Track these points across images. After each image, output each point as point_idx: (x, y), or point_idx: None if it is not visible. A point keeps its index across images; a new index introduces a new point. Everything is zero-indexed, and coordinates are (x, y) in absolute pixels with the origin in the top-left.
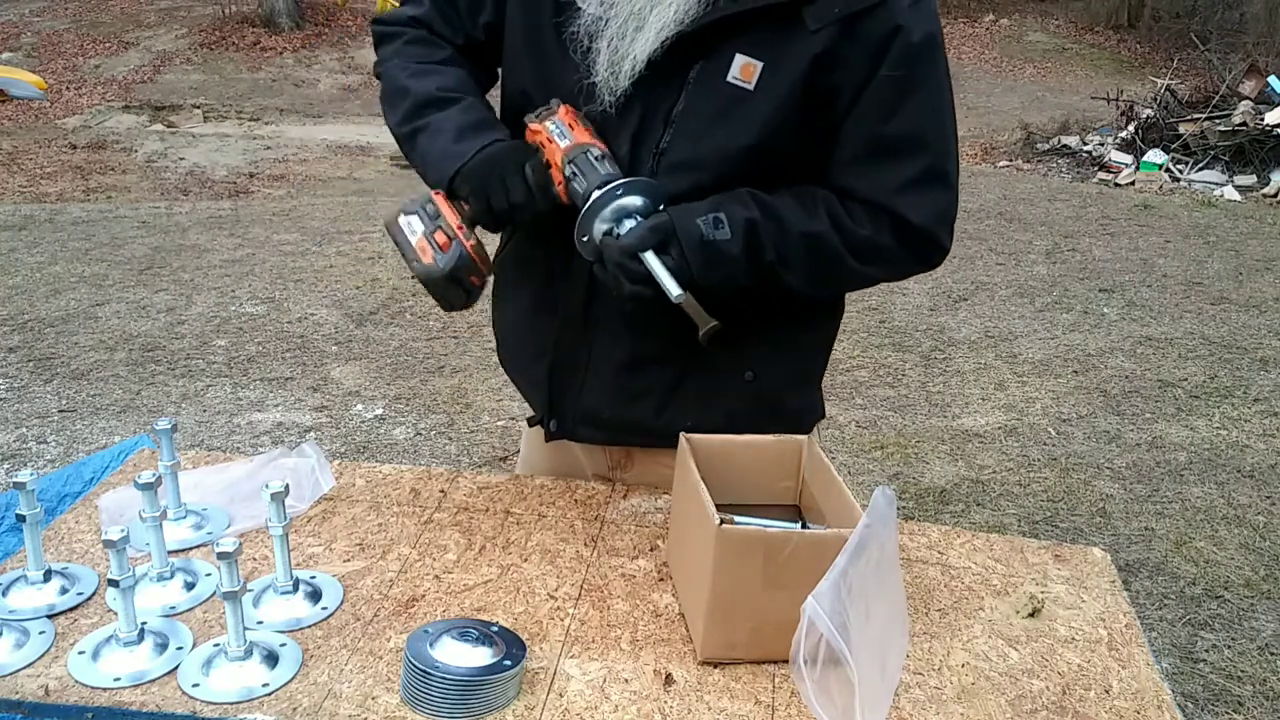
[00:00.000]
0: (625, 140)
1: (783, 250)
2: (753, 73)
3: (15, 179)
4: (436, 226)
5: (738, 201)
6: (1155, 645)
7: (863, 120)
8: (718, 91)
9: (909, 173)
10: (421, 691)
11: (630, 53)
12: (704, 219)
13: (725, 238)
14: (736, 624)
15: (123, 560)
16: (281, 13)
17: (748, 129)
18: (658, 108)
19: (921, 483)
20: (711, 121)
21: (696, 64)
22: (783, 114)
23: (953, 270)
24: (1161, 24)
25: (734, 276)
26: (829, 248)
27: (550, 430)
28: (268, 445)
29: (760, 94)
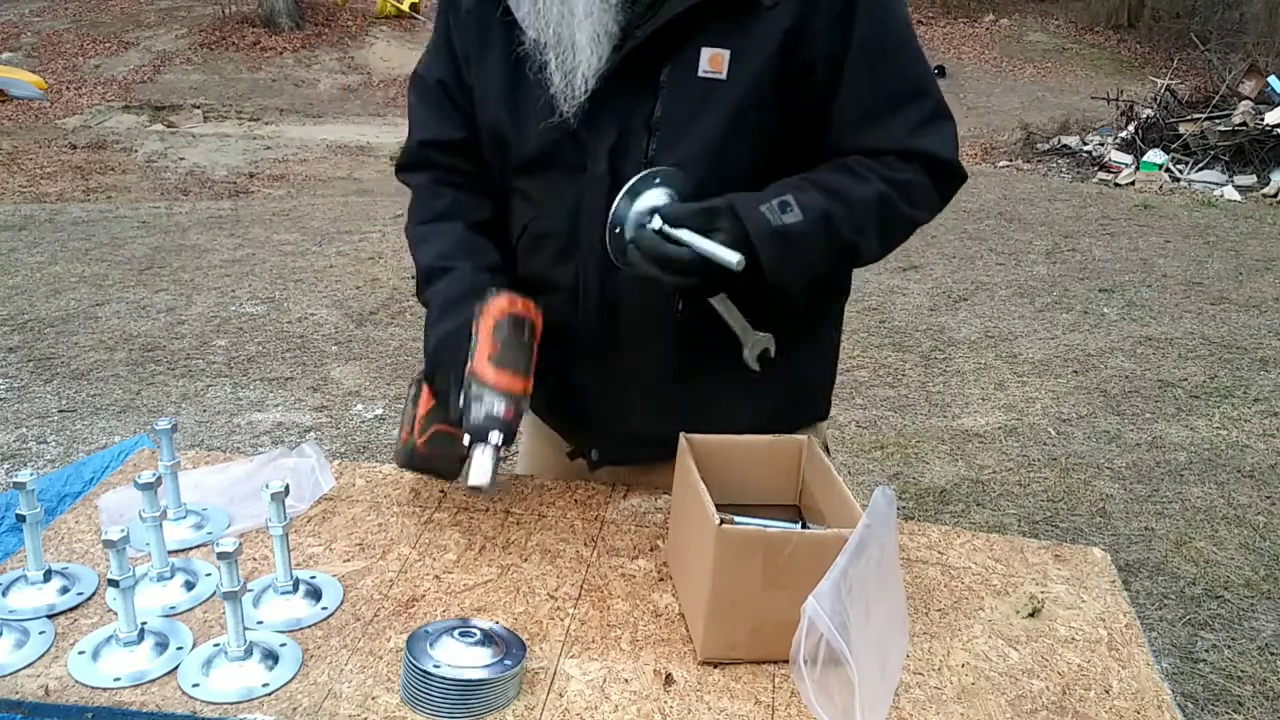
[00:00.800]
0: (604, 157)
1: (858, 222)
2: (721, 62)
3: (15, 179)
4: (405, 418)
5: (799, 188)
6: (1155, 645)
7: (857, 85)
8: (692, 88)
9: (918, 115)
10: (421, 691)
11: (577, 68)
12: (768, 205)
13: (796, 220)
14: (736, 624)
15: (123, 560)
16: (281, 13)
17: (729, 117)
18: (635, 117)
19: (921, 483)
20: (693, 118)
21: (665, 66)
22: (759, 95)
23: (953, 270)
24: (1161, 24)
25: (809, 265)
26: (893, 203)
27: (593, 460)
28: (268, 445)
29: (734, 81)
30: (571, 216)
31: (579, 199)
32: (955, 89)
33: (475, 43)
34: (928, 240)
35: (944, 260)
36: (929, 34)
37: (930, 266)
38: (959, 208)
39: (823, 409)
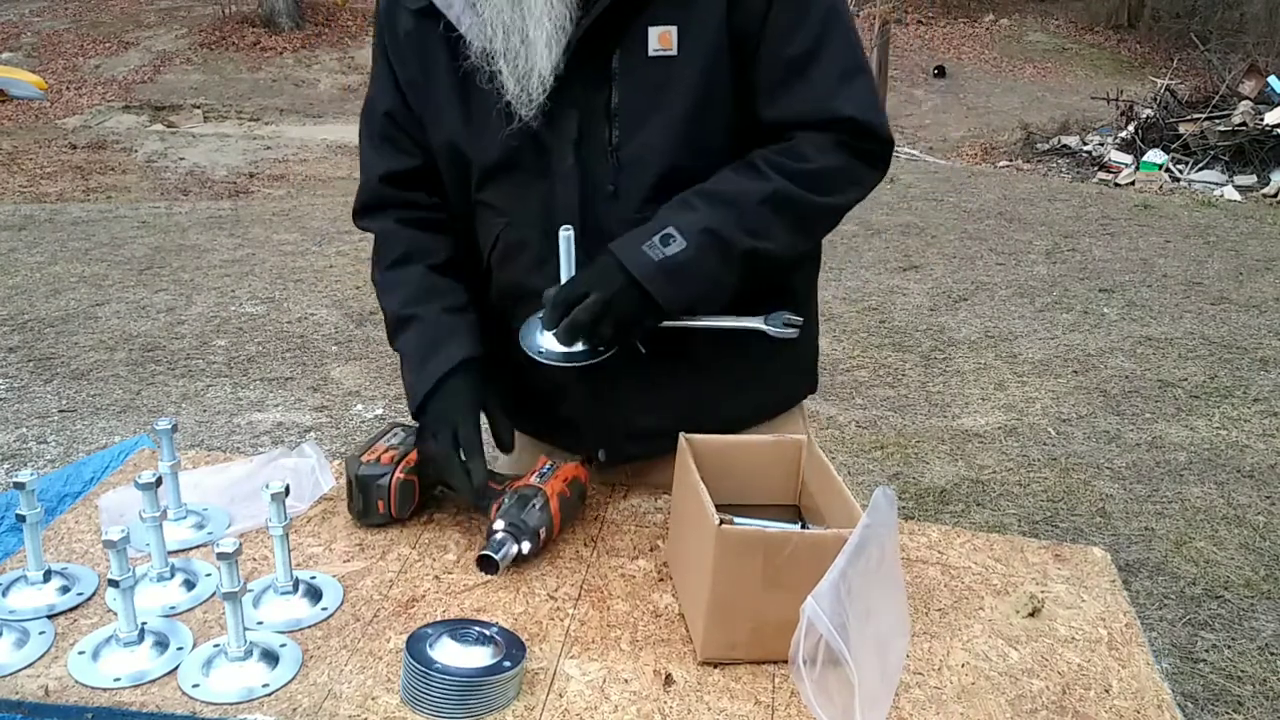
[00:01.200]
0: (569, 152)
1: (750, 225)
2: (671, 39)
3: (15, 179)
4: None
5: (681, 208)
6: (1155, 645)
7: (774, 46)
8: (645, 69)
9: (832, 75)
10: (421, 692)
11: (532, 68)
12: (649, 243)
13: (679, 249)
14: (736, 624)
15: (123, 560)
16: (281, 13)
17: (689, 93)
18: (594, 107)
19: (921, 483)
20: (652, 100)
21: (614, 53)
22: (711, 65)
23: (953, 270)
24: (1161, 24)
25: (708, 282)
26: (792, 197)
27: (600, 460)
28: (268, 445)
29: (686, 55)
30: (544, 220)
31: (549, 201)
32: (955, 89)
33: (418, 67)
34: (928, 240)
35: (944, 260)
36: (929, 34)
37: (930, 266)
38: (959, 207)
39: (813, 380)
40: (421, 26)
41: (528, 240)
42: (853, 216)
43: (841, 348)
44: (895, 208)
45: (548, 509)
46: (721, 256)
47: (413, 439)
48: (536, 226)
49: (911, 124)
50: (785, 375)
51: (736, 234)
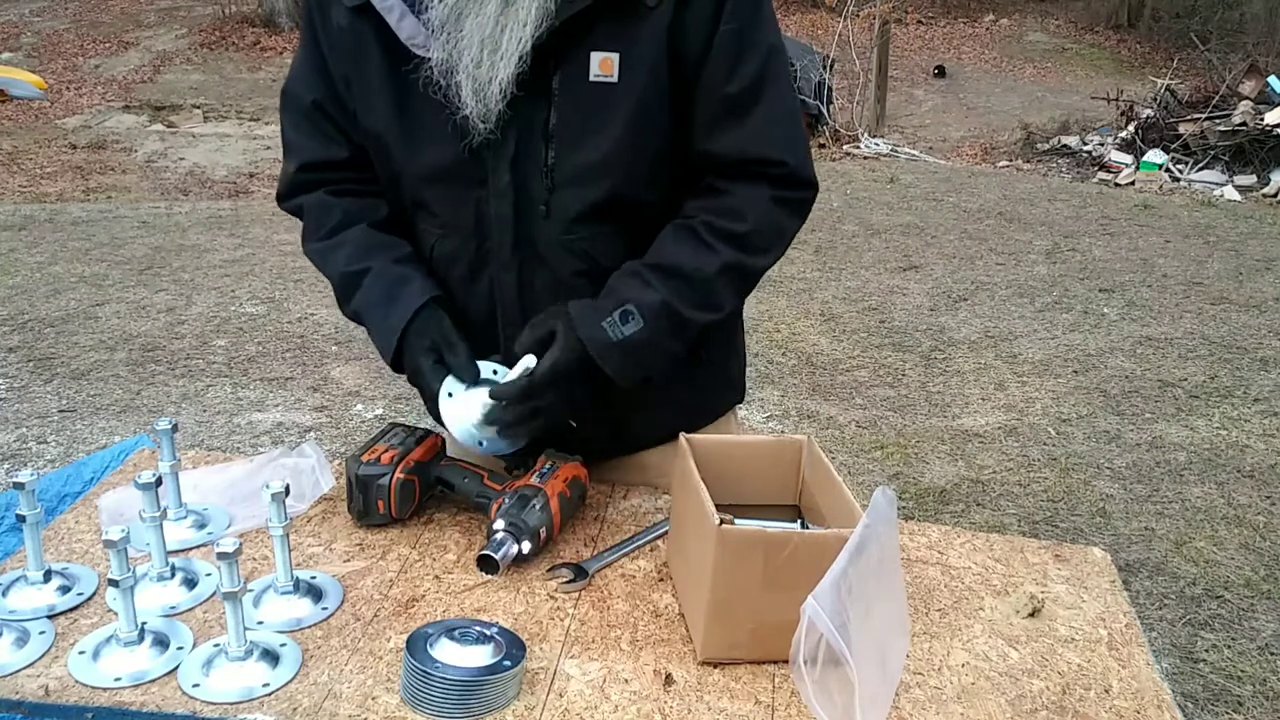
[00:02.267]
0: (505, 170)
1: (706, 300)
2: (612, 66)
3: (15, 179)
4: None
5: (635, 281)
6: (1155, 645)
7: (714, 81)
8: (585, 94)
9: (769, 117)
10: (421, 691)
11: (494, 77)
12: (609, 320)
13: (637, 329)
14: (736, 624)
15: (123, 560)
16: (281, 13)
17: (624, 120)
18: (532, 127)
19: (921, 483)
20: (588, 123)
21: (555, 74)
22: (649, 95)
23: (953, 270)
24: (1161, 24)
25: (664, 357)
26: (739, 266)
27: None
28: (268, 445)
29: (625, 83)
30: (477, 234)
31: (481, 214)
32: (955, 89)
33: (351, 63)
34: (928, 240)
35: (944, 260)
36: (929, 34)
37: (930, 266)
38: (959, 207)
39: (740, 392)
40: (356, 24)
41: (460, 254)
42: (852, 216)
43: (841, 348)
44: (895, 208)
45: (548, 509)
46: (677, 332)
47: (413, 439)
48: (470, 239)
49: (911, 124)
50: (708, 388)
51: (691, 310)
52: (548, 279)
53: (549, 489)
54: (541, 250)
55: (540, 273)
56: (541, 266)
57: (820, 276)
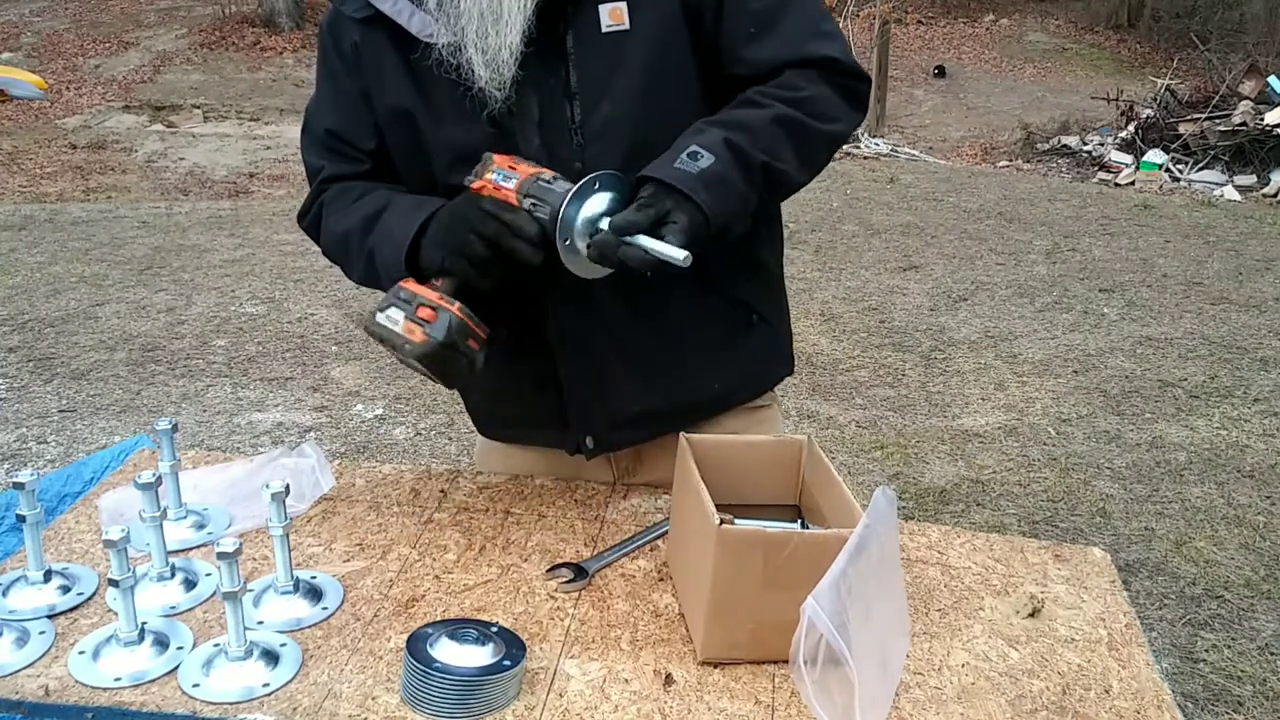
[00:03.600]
0: (533, 134)
1: (764, 144)
2: (622, 14)
3: (15, 179)
4: (417, 305)
5: (698, 132)
6: (1155, 645)
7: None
8: (600, 46)
9: (805, 24)
10: (421, 691)
11: (501, 44)
12: (680, 160)
13: (710, 162)
14: (736, 624)
15: (123, 560)
16: (281, 13)
17: (644, 67)
18: (553, 88)
19: (921, 483)
20: (609, 76)
21: (567, 33)
22: (668, 38)
23: (953, 270)
24: (1161, 24)
25: (740, 196)
26: (794, 120)
27: (588, 449)
28: (268, 445)
29: (639, 30)
30: None
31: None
32: (955, 89)
33: (372, 74)
34: (927, 240)
35: (944, 260)
36: (929, 34)
37: (930, 266)
38: (959, 207)
39: (789, 363)
40: (368, 35)
41: None
42: (852, 216)
43: (841, 348)
44: (895, 208)
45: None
46: (744, 169)
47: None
48: None
49: (911, 124)
50: (761, 354)
51: (753, 150)
52: None
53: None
54: None
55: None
56: None
57: (820, 276)
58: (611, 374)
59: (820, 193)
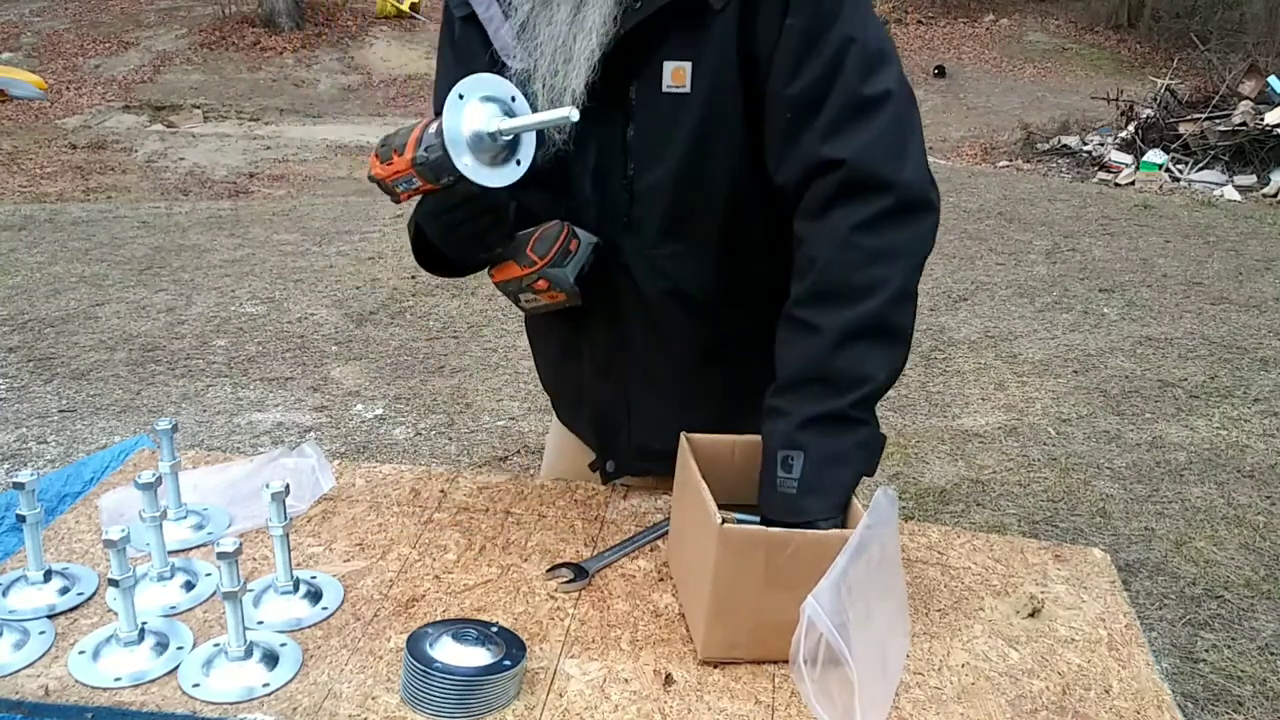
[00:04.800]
0: (586, 181)
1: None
2: (684, 76)
3: (15, 179)
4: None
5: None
6: (1155, 645)
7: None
8: (660, 105)
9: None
10: (421, 691)
11: (568, 86)
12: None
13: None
14: (737, 624)
15: (123, 560)
16: (281, 13)
17: (696, 131)
18: (612, 138)
19: (921, 483)
20: (665, 136)
21: (632, 84)
22: (719, 104)
23: (953, 270)
24: (1161, 24)
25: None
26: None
27: (608, 472)
28: (268, 445)
29: (697, 93)
30: None
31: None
32: (955, 89)
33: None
34: None
35: (944, 260)
36: (929, 34)
37: (930, 266)
38: (959, 207)
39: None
40: (467, 31)
41: None
42: None
43: None
44: None
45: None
46: (840, 430)
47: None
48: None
49: None
50: None
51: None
52: (634, 295)
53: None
54: (627, 264)
55: (627, 287)
56: (629, 281)
57: None
58: (637, 406)
59: None
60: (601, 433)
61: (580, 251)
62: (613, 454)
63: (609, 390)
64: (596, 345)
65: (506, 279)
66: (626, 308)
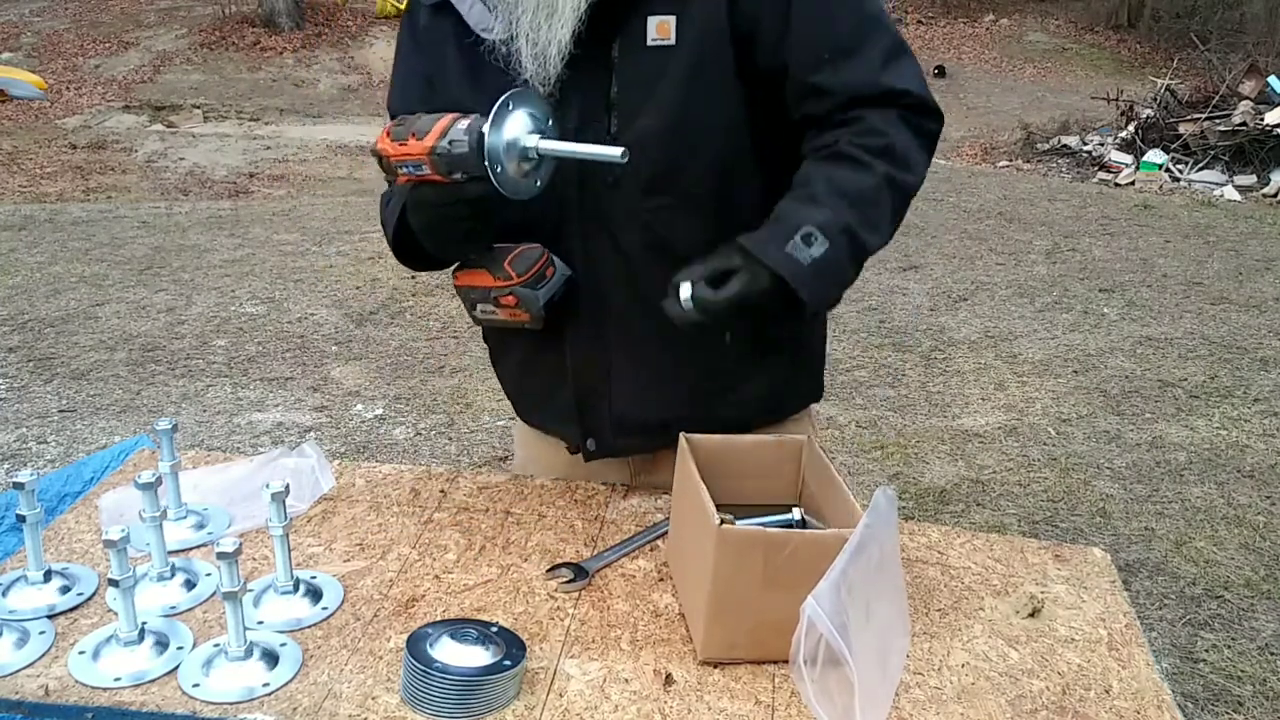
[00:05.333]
0: (570, 138)
1: (873, 221)
2: (669, 29)
3: (15, 179)
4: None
5: (807, 205)
6: (1155, 645)
7: (807, 26)
8: (643, 59)
9: (881, 51)
10: (421, 691)
11: (552, 39)
12: (793, 243)
13: (824, 248)
14: (736, 624)
15: (123, 560)
16: (281, 13)
17: (682, 83)
18: (594, 96)
19: (921, 483)
20: (649, 90)
21: (615, 41)
22: (711, 56)
23: (953, 270)
24: (1161, 24)
25: (843, 282)
26: (895, 183)
27: (589, 450)
28: (268, 445)
29: (683, 45)
30: (549, 204)
31: (552, 184)
32: (955, 89)
33: (435, 59)
34: (927, 240)
35: (944, 260)
36: (929, 34)
37: (930, 266)
38: (959, 207)
39: (819, 387)
40: (434, 21)
41: (534, 224)
42: None
43: (841, 348)
44: None
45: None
46: (853, 255)
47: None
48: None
49: None
50: (786, 376)
51: (865, 231)
52: (616, 253)
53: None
54: (610, 222)
55: (609, 246)
56: (610, 239)
57: None
58: (619, 376)
59: None
60: (582, 407)
61: (554, 279)
62: (593, 430)
63: (591, 358)
64: (580, 316)
65: (473, 285)
66: (609, 267)
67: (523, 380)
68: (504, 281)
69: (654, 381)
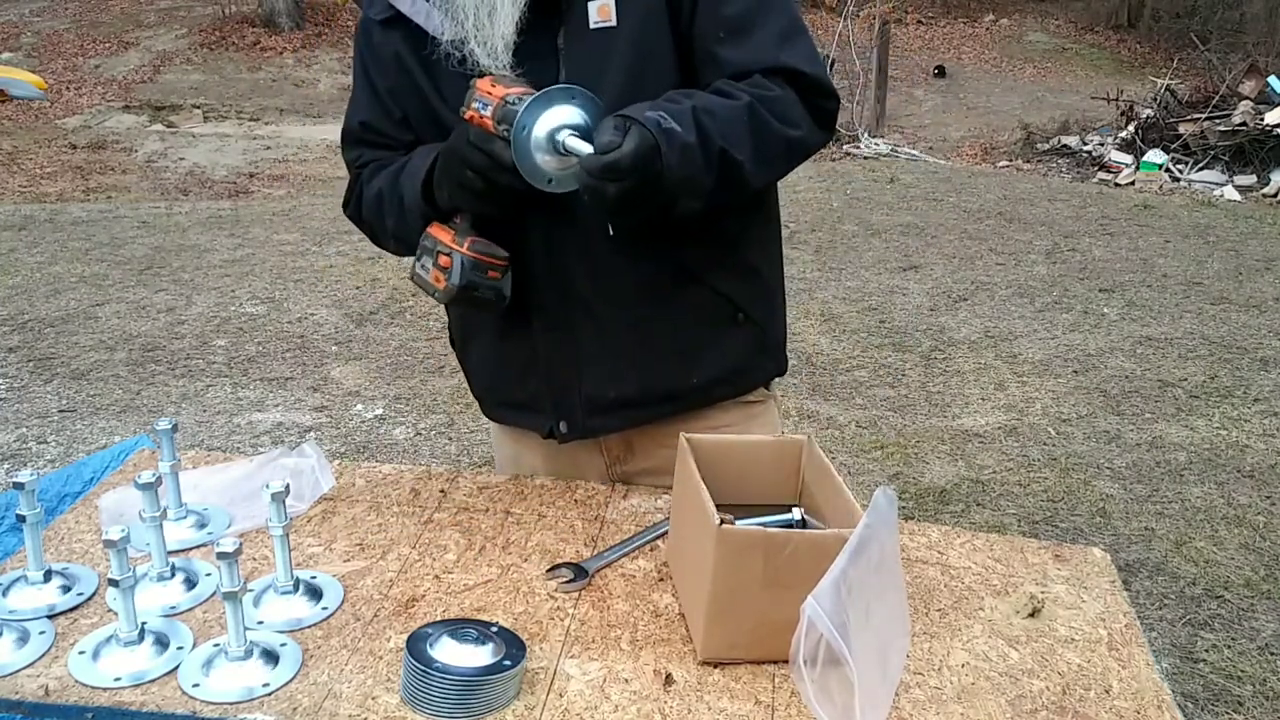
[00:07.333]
0: None
1: (725, 131)
2: (609, 10)
3: (15, 179)
4: (437, 253)
5: (670, 100)
6: (1155, 645)
7: (711, 6)
8: (588, 43)
9: (775, 31)
10: (421, 691)
11: (498, 32)
12: (652, 113)
13: (676, 128)
14: (736, 624)
15: (123, 560)
16: (281, 13)
17: (627, 63)
18: (546, 84)
19: (921, 483)
20: (597, 74)
21: (559, 31)
22: (651, 32)
23: (953, 270)
24: (1161, 24)
25: (698, 169)
26: (758, 115)
27: (561, 433)
28: (268, 445)
29: (624, 25)
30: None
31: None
32: (955, 89)
33: (394, 71)
34: (927, 240)
35: (944, 260)
36: (929, 34)
37: (930, 266)
38: (959, 207)
39: (780, 362)
40: (388, 34)
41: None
42: (852, 216)
43: (841, 348)
44: (895, 208)
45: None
46: (707, 151)
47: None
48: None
49: (911, 124)
50: (746, 349)
51: (714, 134)
52: (576, 238)
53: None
54: (568, 208)
55: (569, 232)
56: (570, 226)
57: (820, 276)
58: (588, 357)
59: (820, 193)
60: (554, 392)
61: (490, 282)
62: (565, 413)
63: (560, 342)
64: (546, 299)
65: (435, 236)
66: (571, 253)
67: (493, 372)
68: (455, 245)
69: (622, 361)
